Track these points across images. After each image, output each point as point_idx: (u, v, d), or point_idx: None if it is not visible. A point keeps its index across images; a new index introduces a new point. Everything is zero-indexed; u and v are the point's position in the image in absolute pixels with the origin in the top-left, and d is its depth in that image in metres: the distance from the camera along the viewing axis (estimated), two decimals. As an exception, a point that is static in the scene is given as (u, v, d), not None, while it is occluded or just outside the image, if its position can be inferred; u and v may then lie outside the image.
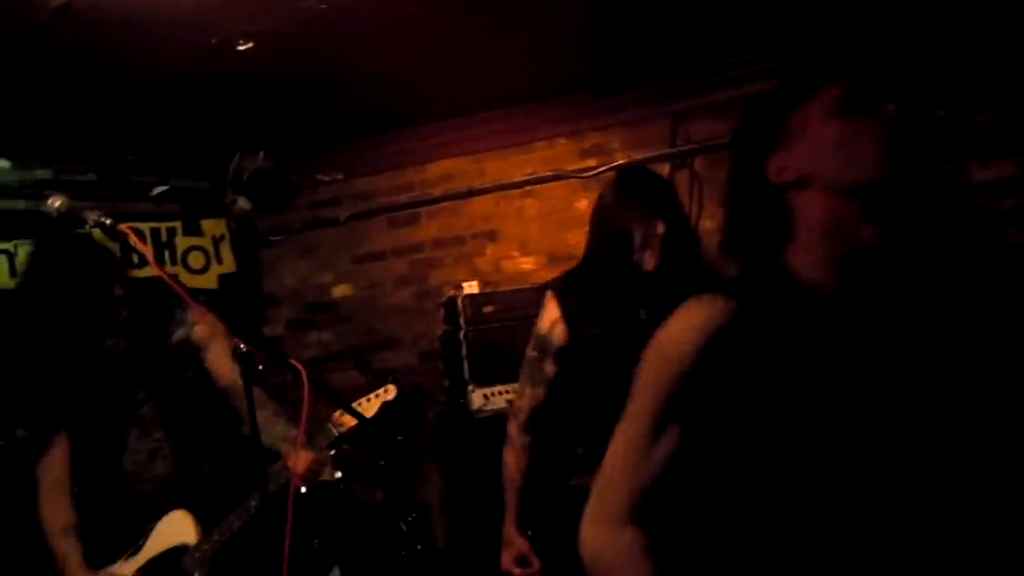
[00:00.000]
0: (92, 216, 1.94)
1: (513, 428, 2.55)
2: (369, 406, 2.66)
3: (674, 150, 4.16)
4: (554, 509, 2.44)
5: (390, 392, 2.67)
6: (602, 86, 4.19)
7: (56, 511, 2.50)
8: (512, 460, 2.55)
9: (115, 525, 2.49)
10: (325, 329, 4.83)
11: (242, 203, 4.65)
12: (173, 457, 2.50)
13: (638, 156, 4.21)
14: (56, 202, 1.96)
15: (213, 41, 2.98)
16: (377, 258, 4.80)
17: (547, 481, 2.53)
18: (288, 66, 3.43)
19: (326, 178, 4.78)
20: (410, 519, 4.11)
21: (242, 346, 2.12)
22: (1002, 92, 3.53)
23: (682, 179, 4.10)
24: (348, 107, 4.12)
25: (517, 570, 2.47)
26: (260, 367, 2.38)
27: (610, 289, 2.37)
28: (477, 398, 3.93)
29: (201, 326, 2.58)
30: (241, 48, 3.05)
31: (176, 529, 2.47)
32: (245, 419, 2.48)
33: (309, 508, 3.55)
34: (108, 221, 1.92)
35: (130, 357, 2.53)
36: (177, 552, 2.46)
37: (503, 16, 3.22)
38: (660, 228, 2.32)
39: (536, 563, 2.46)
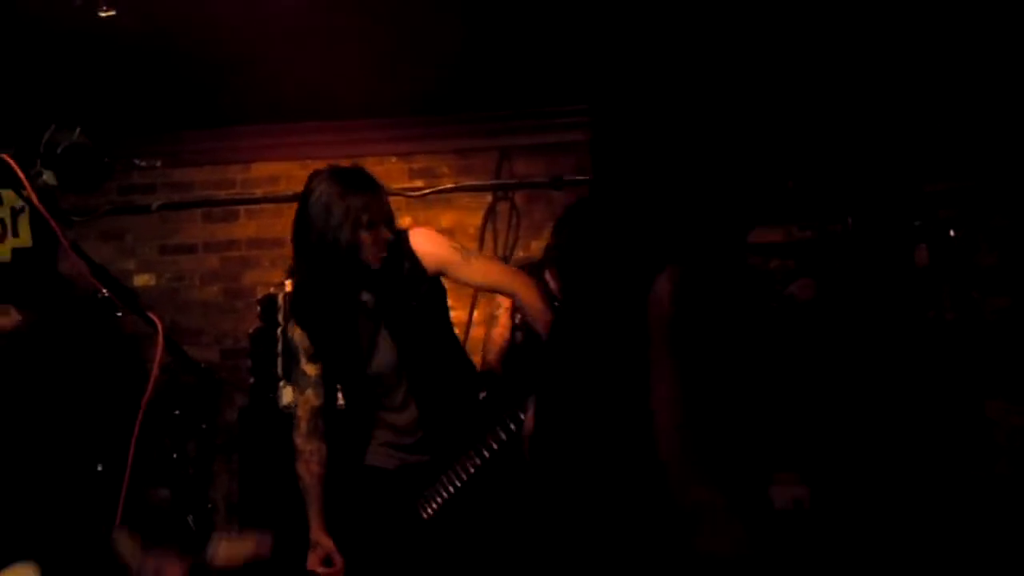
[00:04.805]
0: None
1: (297, 439, 2.57)
2: None
3: (498, 182, 4.51)
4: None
5: None
6: (438, 114, 4.46)
7: None
8: (304, 471, 2.56)
9: None
10: (120, 317, 4.66)
11: (47, 177, 4.40)
12: None
13: (464, 183, 4.51)
14: None
15: (78, 2, 2.93)
16: (187, 251, 4.72)
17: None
18: (140, 42, 3.40)
19: (143, 163, 4.65)
20: (200, 515, 4.04)
21: (104, 291, 2.15)
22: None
23: (503, 209, 4.46)
24: (185, 93, 4.08)
25: (321, 569, 2.55)
26: (119, 314, 2.38)
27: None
28: (287, 394, 3.97)
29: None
30: (103, 15, 3.00)
31: None
32: None
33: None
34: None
35: None
36: None
37: (369, 27, 3.40)
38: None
39: (338, 560, 2.55)
